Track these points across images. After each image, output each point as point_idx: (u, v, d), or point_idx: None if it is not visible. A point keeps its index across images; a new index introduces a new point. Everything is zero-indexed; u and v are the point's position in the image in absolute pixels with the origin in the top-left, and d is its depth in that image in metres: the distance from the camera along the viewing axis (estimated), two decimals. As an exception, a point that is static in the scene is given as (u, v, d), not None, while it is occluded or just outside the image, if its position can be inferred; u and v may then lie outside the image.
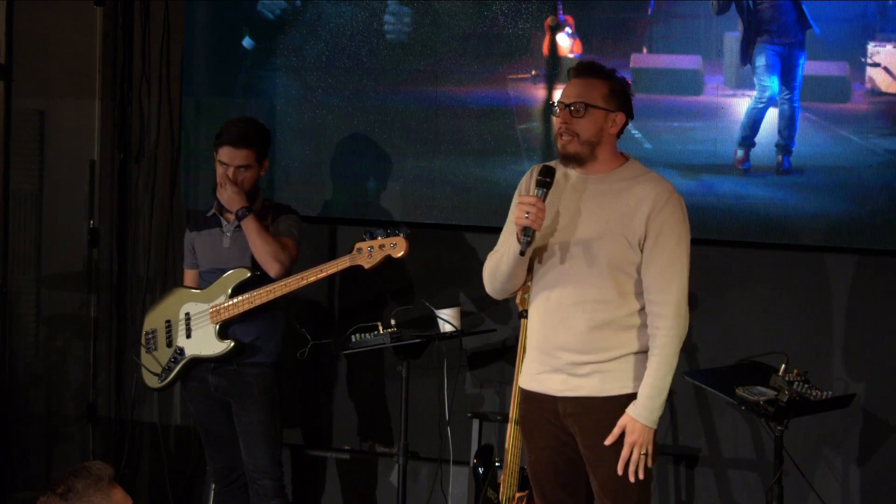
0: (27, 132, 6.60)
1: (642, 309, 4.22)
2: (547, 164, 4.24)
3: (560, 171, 4.27)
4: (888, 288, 5.47)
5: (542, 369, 4.30)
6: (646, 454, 4.17)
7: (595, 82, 4.21)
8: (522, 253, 4.17)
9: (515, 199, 4.33)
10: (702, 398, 5.62)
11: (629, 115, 4.28)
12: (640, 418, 4.16)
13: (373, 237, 5.21)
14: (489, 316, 6.01)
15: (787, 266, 5.61)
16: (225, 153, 5.41)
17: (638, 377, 4.21)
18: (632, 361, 4.22)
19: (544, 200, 4.16)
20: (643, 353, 4.22)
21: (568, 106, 4.19)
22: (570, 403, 4.25)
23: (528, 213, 4.12)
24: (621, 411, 4.19)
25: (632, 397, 4.20)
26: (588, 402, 4.22)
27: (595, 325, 4.19)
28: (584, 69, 4.27)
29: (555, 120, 4.25)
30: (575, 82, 4.24)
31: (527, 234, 4.14)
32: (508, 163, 5.89)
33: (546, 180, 4.17)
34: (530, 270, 4.34)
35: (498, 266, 4.33)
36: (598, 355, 4.21)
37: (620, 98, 4.23)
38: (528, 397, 4.36)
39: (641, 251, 4.18)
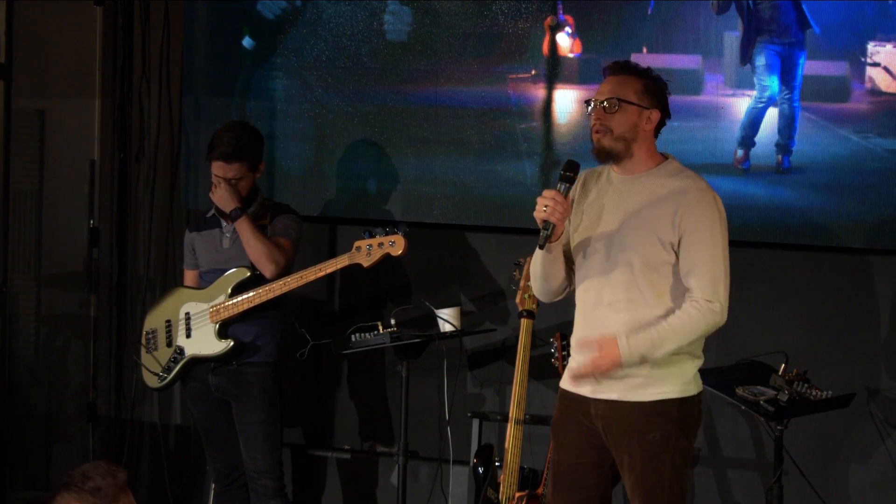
0: (27, 132, 6.60)
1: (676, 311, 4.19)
2: (570, 159, 4.21)
3: (604, 172, 4.27)
4: (888, 288, 5.47)
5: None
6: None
7: (628, 79, 4.20)
8: (541, 247, 4.17)
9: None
10: (702, 398, 5.62)
11: (665, 114, 4.24)
12: (620, 348, 4.09)
13: (372, 236, 5.22)
14: (489, 316, 6.01)
15: (787, 266, 5.61)
16: (217, 168, 5.42)
17: (678, 381, 4.19)
18: (671, 364, 4.17)
19: (566, 195, 4.13)
20: (675, 356, 4.18)
21: (601, 102, 4.19)
22: (602, 406, 4.22)
23: (546, 206, 4.10)
24: (654, 416, 4.16)
25: (665, 403, 4.17)
26: (617, 405, 4.19)
27: (627, 326, 4.15)
28: (619, 67, 4.26)
29: (591, 119, 4.23)
30: (609, 80, 4.23)
31: (546, 227, 4.11)
32: (508, 162, 5.89)
33: (569, 174, 4.14)
34: (573, 271, 4.34)
35: (534, 268, 4.32)
36: None
37: (654, 95, 4.20)
38: (563, 396, 4.35)
39: (675, 252, 4.15)
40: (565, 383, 4.35)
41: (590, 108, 4.22)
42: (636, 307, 4.16)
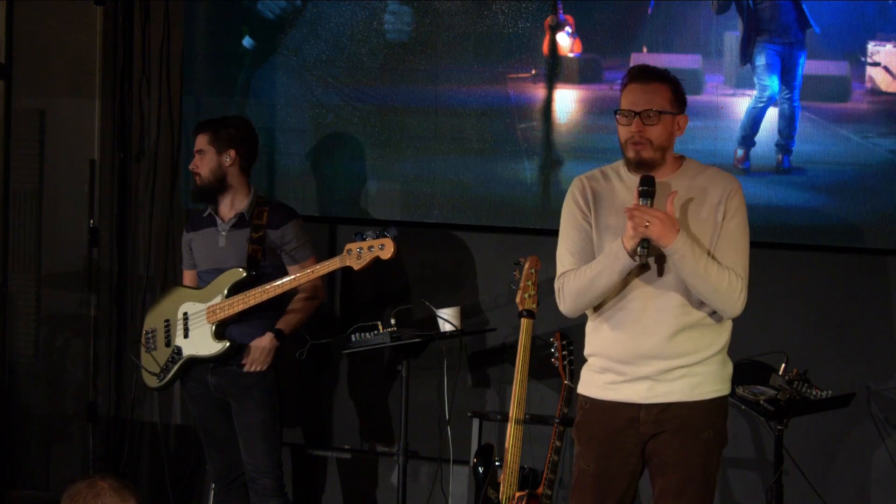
0: (27, 132, 6.60)
1: None
2: (645, 174, 4.13)
3: (609, 176, 4.24)
4: (888, 288, 5.47)
5: (620, 379, 4.19)
6: None
7: (659, 87, 4.16)
8: (644, 265, 4.10)
9: (571, 213, 4.24)
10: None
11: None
12: (680, 237, 4.02)
13: (363, 238, 5.23)
14: (489, 316, 6.01)
15: (787, 266, 5.60)
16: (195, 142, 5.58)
17: (725, 379, 4.20)
18: (719, 362, 4.19)
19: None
20: (721, 356, 4.21)
21: (638, 114, 4.13)
22: (655, 410, 4.17)
23: (648, 223, 4.01)
24: (709, 414, 4.17)
25: (718, 400, 4.19)
26: (675, 407, 4.16)
27: (681, 329, 4.13)
28: (647, 74, 4.20)
29: (621, 128, 4.15)
30: (640, 88, 4.16)
31: (644, 245, 4.04)
32: (508, 162, 5.89)
33: (650, 189, 4.08)
34: None
35: (593, 283, 4.14)
36: (686, 359, 4.15)
37: (681, 100, 4.20)
38: (598, 406, 4.24)
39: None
40: (599, 392, 4.25)
41: (622, 117, 4.15)
42: (688, 309, 4.14)
